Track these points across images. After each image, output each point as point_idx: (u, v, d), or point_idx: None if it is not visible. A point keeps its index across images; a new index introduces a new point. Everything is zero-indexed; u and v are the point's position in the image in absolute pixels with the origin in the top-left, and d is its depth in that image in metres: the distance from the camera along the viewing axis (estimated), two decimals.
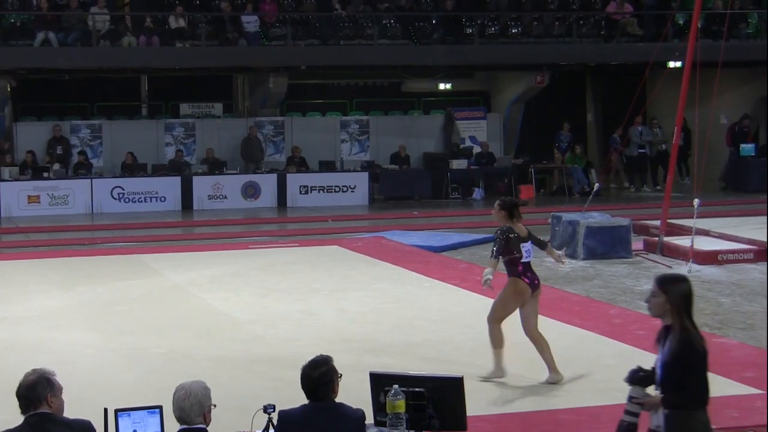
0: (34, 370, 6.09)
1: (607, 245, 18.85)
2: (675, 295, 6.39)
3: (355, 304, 14.79)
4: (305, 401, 6.53)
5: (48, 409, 5.99)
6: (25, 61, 27.79)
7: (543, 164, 30.90)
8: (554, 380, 10.47)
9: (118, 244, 21.82)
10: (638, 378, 6.46)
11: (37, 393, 5.95)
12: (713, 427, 6.40)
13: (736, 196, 28.52)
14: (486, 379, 10.52)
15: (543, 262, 18.48)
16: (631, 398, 6.43)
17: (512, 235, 10.73)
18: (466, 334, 12.82)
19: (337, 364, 6.60)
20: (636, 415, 6.39)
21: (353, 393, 7.06)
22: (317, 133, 30.51)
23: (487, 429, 8.69)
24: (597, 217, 19.56)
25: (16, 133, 28.78)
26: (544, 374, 10.62)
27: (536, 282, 10.86)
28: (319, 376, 6.46)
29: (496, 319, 10.87)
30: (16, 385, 6.08)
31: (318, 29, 29.68)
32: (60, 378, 6.19)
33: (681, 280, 6.53)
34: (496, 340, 10.79)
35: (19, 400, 5.98)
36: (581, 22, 31.27)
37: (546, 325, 13.19)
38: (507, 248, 10.71)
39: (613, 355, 11.58)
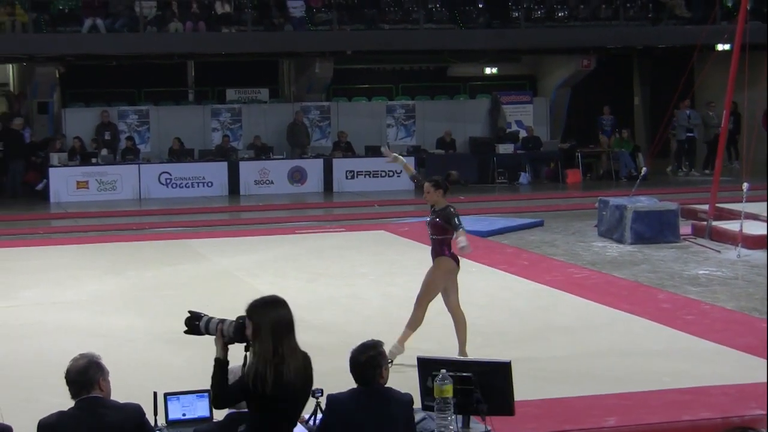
0: (81, 354, 6.12)
1: (655, 230, 18.72)
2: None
3: (402, 289, 14.75)
4: (352, 386, 6.53)
5: (99, 392, 6.02)
6: (73, 47, 27.95)
7: (590, 148, 30.74)
8: (400, 352, 10.44)
9: (166, 230, 21.90)
10: None
11: (89, 377, 5.99)
12: None
13: None
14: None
15: (591, 247, 18.45)
16: None
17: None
18: (513, 319, 12.79)
19: (385, 348, 6.61)
20: None
21: (401, 378, 7.07)
22: (363, 118, 30.51)
23: (535, 414, 8.67)
24: (645, 202, 19.44)
25: (65, 119, 28.96)
26: (591, 359, 10.58)
27: (457, 258, 10.84)
28: (367, 360, 6.45)
29: (428, 300, 10.83)
30: (63, 368, 6.11)
31: (364, 14, 29.66)
32: (108, 362, 6.22)
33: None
34: (418, 321, 10.76)
35: (70, 384, 6.00)
36: (628, 4, 31.05)
37: (593, 309, 13.17)
38: (448, 227, 10.65)
39: (661, 341, 11.51)
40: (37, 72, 28.59)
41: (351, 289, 14.84)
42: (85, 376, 5.98)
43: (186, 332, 6.47)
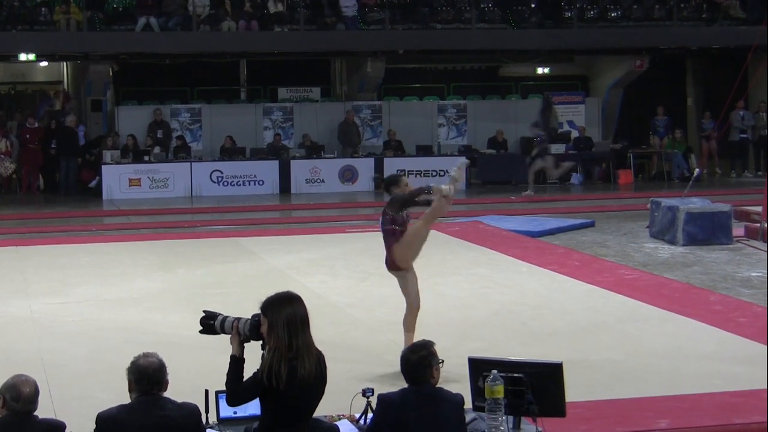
0: (146, 353, 6.15)
1: (708, 231, 18.57)
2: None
3: (453, 289, 14.75)
4: (402, 386, 6.52)
5: (163, 391, 6.09)
6: (126, 45, 28.16)
7: (642, 149, 30.59)
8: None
9: (217, 227, 22.00)
10: None
11: (161, 376, 6.05)
12: None
13: None
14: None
15: (642, 248, 18.34)
16: None
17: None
18: (565, 320, 12.73)
19: (436, 348, 6.59)
20: None
21: (452, 378, 7.05)
22: (414, 118, 30.51)
23: (586, 415, 8.62)
24: (697, 203, 19.30)
25: (118, 117, 29.16)
26: (643, 361, 10.51)
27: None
28: (418, 359, 6.45)
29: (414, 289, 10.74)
30: (119, 366, 6.13)
31: (416, 13, 29.65)
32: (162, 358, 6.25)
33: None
34: (412, 312, 10.66)
35: (140, 380, 6.01)
36: (682, 5, 30.87)
37: (645, 311, 13.08)
38: (400, 217, 10.59)
39: (713, 342, 11.42)
40: (91, 70, 28.82)
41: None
42: (159, 374, 6.04)
43: (201, 332, 6.53)
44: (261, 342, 6.26)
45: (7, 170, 27.65)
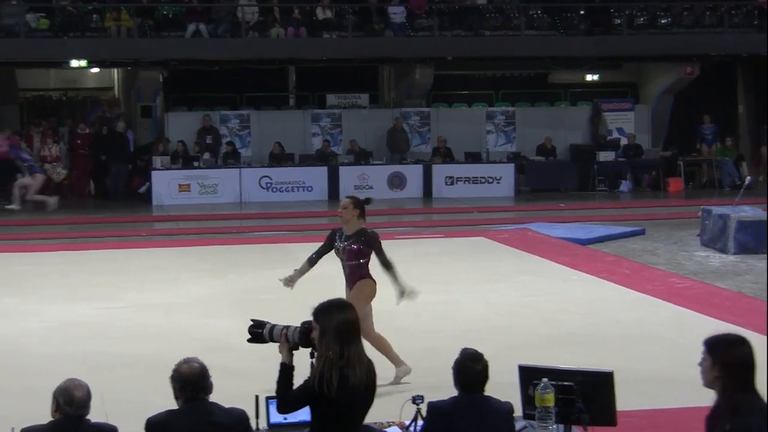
0: (187, 359, 6.15)
1: (759, 239, 18.43)
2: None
3: (501, 296, 14.73)
4: (450, 394, 6.49)
5: (209, 395, 6.09)
6: (176, 52, 28.28)
7: (692, 156, 30.39)
8: (408, 371, 10.31)
9: (266, 233, 22.05)
10: None
11: (204, 381, 6.05)
12: None
13: None
14: (396, 381, 10.22)
15: (693, 256, 18.22)
16: None
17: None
18: (614, 328, 12.67)
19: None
20: None
21: (500, 385, 7.01)
22: (463, 124, 30.45)
23: (638, 425, 8.57)
24: (749, 211, 19.17)
25: (168, 123, 29.31)
26: (694, 370, 10.39)
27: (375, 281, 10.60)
28: (483, 369, 6.41)
29: (370, 326, 10.34)
30: (168, 371, 6.14)
31: (465, 20, 29.62)
32: (208, 365, 6.25)
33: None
34: (383, 343, 10.41)
35: (185, 386, 6.02)
36: (733, 11, 30.64)
37: (695, 320, 12.99)
38: (368, 250, 10.42)
39: (764, 352, 11.28)
40: (141, 76, 29.00)
41: (449, 296, 14.80)
42: (203, 379, 6.04)
43: (249, 341, 6.52)
44: (310, 350, 6.25)
45: (59, 176, 27.85)
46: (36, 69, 31.74)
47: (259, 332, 6.48)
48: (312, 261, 10.86)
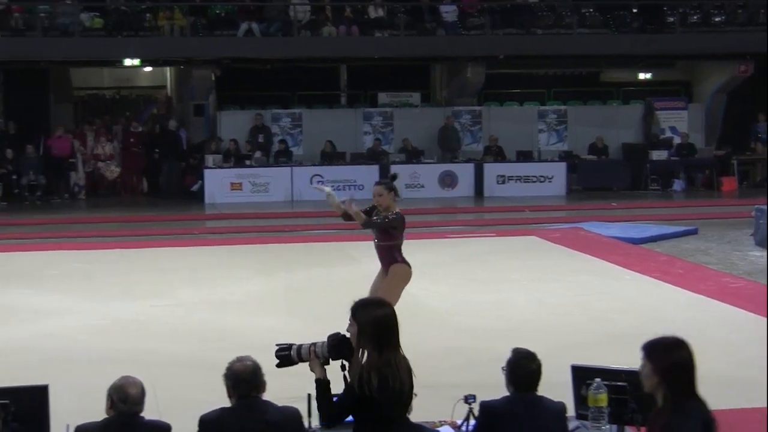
0: (240, 357, 6.16)
1: None
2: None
3: (553, 296, 14.67)
4: (503, 394, 6.47)
5: (262, 393, 6.11)
6: (228, 50, 28.42)
7: (746, 155, 30.16)
8: None
9: (317, 232, 22.09)
10: None
11: (258, 379, 6.06)
12: None
13: None
14: None
15: (747, 256, 18.08)
16: None
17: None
18: (667, 329, 12.55)
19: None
20: None
21: (552, 385, 6.99)
22: (514, 123, 30.38)
23: None
24: None
25: (220, 121, 29.45)
26: (748, 370, 10.35)
27: (409, 264, 10.80)
28: (536, 368, 6.38)
29: None
30: (221, 368, 6.16)
31: (516, 18, 29.54)
32: (261, 362, 6.26)
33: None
34: None
35: (239, 384, 6.03)
36: None
37: (749, 320, 12.89)
38: (398, 233, 10.51)
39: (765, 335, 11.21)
40: (194, 75, 29.16)
41: (501, 295, 14.77)
42: (256, 377, 6.06)
43: (278, 365, 6.47)
44: (341, 363, 6.25)
45: (113, 174, 28.07)
46: (90, 68, 32.03)
47: (286, 354, 6.45)
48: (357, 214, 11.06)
